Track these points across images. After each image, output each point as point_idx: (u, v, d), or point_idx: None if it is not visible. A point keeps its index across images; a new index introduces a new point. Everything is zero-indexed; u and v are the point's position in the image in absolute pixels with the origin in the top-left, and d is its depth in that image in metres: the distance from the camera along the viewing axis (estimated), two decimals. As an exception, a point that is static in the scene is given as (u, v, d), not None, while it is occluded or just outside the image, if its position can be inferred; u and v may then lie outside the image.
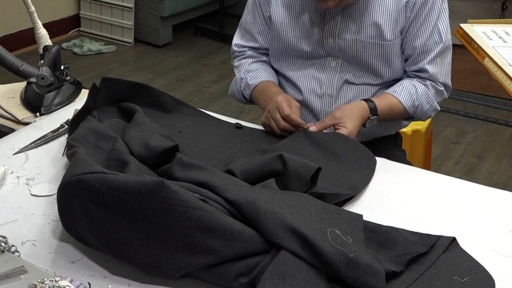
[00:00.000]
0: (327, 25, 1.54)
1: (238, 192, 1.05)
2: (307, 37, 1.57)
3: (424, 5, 1.51)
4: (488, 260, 1.06)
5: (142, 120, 1.36)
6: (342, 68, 1.59)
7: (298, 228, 0.99)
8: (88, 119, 1.35)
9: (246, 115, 3.47)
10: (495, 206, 1.24)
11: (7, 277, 0.93)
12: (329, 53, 1.58)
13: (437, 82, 1.59)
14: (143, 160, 1.22)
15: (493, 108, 3.66)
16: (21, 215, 1.16)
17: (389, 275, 0.98)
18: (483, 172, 3.03)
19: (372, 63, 1.56)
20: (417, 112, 1.59)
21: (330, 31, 1.54)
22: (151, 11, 4.39)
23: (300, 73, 1.62)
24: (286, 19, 1.58)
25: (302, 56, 1.61)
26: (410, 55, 1.58)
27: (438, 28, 1.54)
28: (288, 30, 1.58)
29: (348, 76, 1.59)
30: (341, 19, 1.53)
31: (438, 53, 1.56)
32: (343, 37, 1.54)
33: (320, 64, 1.60)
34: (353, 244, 0.99)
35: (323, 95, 1.61)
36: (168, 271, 0.99)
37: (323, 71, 1.60)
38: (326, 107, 1.61)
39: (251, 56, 1.71)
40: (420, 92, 1.56)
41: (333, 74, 1.59)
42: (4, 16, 4.06)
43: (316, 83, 1.60)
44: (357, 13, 1.52)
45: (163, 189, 0.97)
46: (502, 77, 1.69)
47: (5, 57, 1.76)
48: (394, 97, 1.56)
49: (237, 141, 1.44)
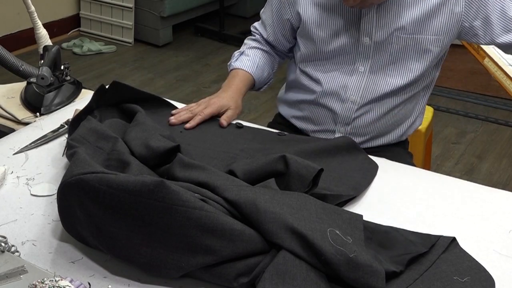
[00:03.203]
0: (363, 24, 1.50)
1: (238, 192, 1.05)
2: (341, 36, 1.53)
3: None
4: (488, 260, 1.06)
5: (143, 120, 1.36)
6: (370, 73, 1.55)
7: (298, 228, 0.99)
8: (89, 119, 1.35)
9: (246, 115, 3.47)
10: (495, 206, 1.24)
11: (7, 277, 0.93)
12: (361, 55, 1.54)
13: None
14: (144, 161, 1.22)
15: (493, 108, 3.66)
16: (21, 215, 1.17)
17: (389, 275, 0.98)
18: (483, 172, 3.03)
19: (407, 59, 1.52)
20: None
21: (367, 30, 1.50)
22: (151, 11, 4.39)
23: (328, 74, 1.59)
24: (318, 17, 1.54)
25: (332, 57, 1.58)
26: (504, 27, 1.47)
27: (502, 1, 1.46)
28: (321, 28, 1.55)
29: (375, 84, 1.55)
30: (377, 17, 1.48)
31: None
32: (379, 36, 1.50)
33: (349, 68, 1.57)
34: (353, 244, 0.99)
35: (347, 100, 1.58)
36: (168, 271, 0.99)
37: (351, 76, 1.57)
38: (347, 112, 1.59)
39: (258, 41, 1.73)
40: None
41: (360, 81, 1.56)
42: (4, 16, 4.06)
43: (342, 87, 1.58)
44: (394, 9, 1.47)
45: (163, 189, 0.97)
46: (502, 77, 1.70)
47: (5, 57, 1.76)
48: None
49: (239, 140, 1.44)
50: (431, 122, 2.30)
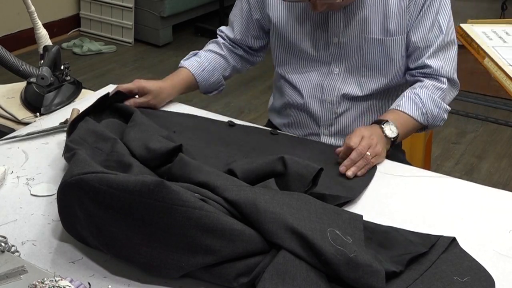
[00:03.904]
0: (331, 24, 1.53)
1: (238, 192, 1.05)
2: (311, 38, 1.56)
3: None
4: (488, 260, 1.06)
5: (140, 120, 1.36)
6: (345, 75, 1.57)
7: (298, 228, 0.99)
8: (87, 119, 1.35)
9: (246, 115, 3.47)
10: (495, 206, 1.24)
11: (7, 277, 0.93)
12: (334, 57, 1.56)
13: (441, 76, 1.52)
14: (144, 162, 1.22)
15: (493, 108, 3.66)
16: (21, 215, 1.16)
17: (389, 275, 0.98)
18: (483, 172, 3.03)
19: (376, 61, 1.54)
20: (428, 119, 1.50)
21: (335, 30, 1.53)
22: (151, 11, 4.39)
23: (303, 76, 1.61)
24: (288, 20, 1.57)
25: (305, 59, 1.60)
26: (412, 51, 1.54)
27: (438, 21, 1.50)
28: (291, 31, 1.58)
29: (350, 85, 1.57)
30: (344, 17, 1.51)
31: (439, 47, 1.52)
32: (348, 36, 1.53)
33: (324, 70, 1.59)
34: (353, 244, 0.99)
35: (324, 102, 1.60)
36: (168, 271, 0.99)
37: (326, 77, 1.59)
38: (327, 113, 1.61)
39: (218, 44, 1.72)
40: (424, 98, 1.49)
41: (335, 82, 1.58)
42: (4, 16, 4.06)
43: (318, 89, 1.60)
44: (358, 10, 1.50)
45: (163, 188, 0.97)
46: (502, 77, 1.70)
47: (5, 57, 1.76)
48: (400, 112, 1.48)
49: (233, 139, 1.44)
50: (431, 122, 2.29)
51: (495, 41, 1.92)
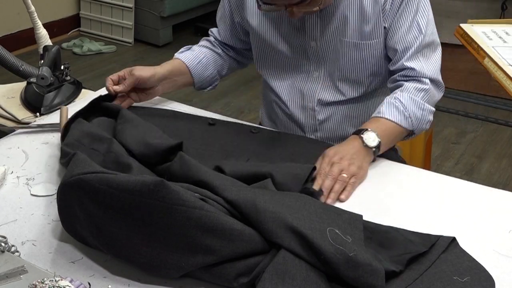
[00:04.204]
0: (308, 28, 1.50)
1: (238, 192, 1.05)
2: (288, 42, 1.53)
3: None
4: (488, 260, 1.06)
5: (130, 116, 1.36)
6: (324, 79, 1.54)
7: (297, 227, 0.99)
8: (79, 121, 1.35)
9: (246, 115, 3.48)
10: (495, 206, 1.24)
11: (7, 277, 0.93)
12: (312, 61, 1.54)
13: (422, 77, 1.45)
14: (145, 158, 1.22)
15: (493, 108, 3.66)
16: (21, 215, 1.17)
17: (388, 275, 0.98)
18: (483, 172, 3.03)
19: (354, 66, 1.50)
20: (413, 123, 1.42)
21: (312, 34, 1.50)
22: (151, 11, 4.39)
23: (284, 83, 1.59)
24: (265, 24, 1.54)
25: (285, 63, 1.57)
26: (393, 55, 1.49)
27: (417, 21, 1.44)
28: (269, 34, 1.55)
29: (330, 89, 1.55)
30: (320, 21, 1.48)
31: (419, 48, 1.45)
32: (325, 39, 1.49)
33: (303, 75, 1.56)
34: (352, 243, 0.99)
35: (306, 108, 1.57)
36: (168, 271, 0.99)
37: (305, 83, 1.56)
38: (310, 119, 1.59)
39: (211, 42, 1.71)
40: (405, 101, 1.41)
41: (315, 86, 1.55)
42: (4, 16, 4.06)
43: (299, 95, 1.57)
44: (334, 14, 1.46)
45: (163, 188, 0.97)
46: (502, 77, 1.69)
47: (5, 57, 1.76)
48: (382, 118, 1.41)
49: (213, 137, 1.44)
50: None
51: (495, 41, 1.92)
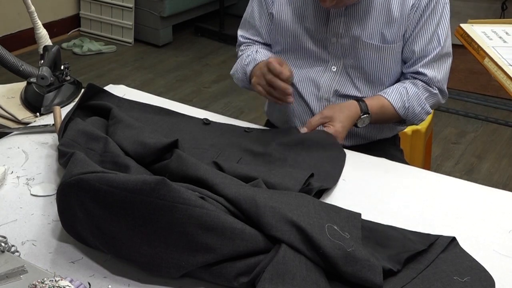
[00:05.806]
0: (331, 24, 1.53)
1: (238, 189, 1.06)
2: (311, 36, 1.57)
3: (426, 8, 1.50)
4: (488, 260, 1.06)
5: (121, 116, 1.36)
6: (342, 74, 1.58)
7: (297, 221, 1.00)
8: (75, 120, 1.35)
9: (246, 115, 3.47)
10: (495, 206, 1.24)
11: (7, 277, 0.93)
12: (332, 55, 1.57)
13: (432, 85, 1.57)
14: (140, 158, 1.22)
15: (493, 108, 3.66)
16: (21, 215, 1.17)
17: (386, 274, 0.98)
18: (483, 172, 3.03)
19: (372, 67, 1.55)
20: (408, 115, 1.55)
21: (334, 31, 1.54)
22: (151, 11, 4.39)
23: (301, 72, 1.61)
24: (290, 17, 1.58)
25: (304, 56, 1.60)
26: (409, 59, 1.56)
27: (438, 33, 1.53)
28: (292, 28, 1.58)
29: (346, 84, 1.58)
30: (344, 19, 1.52)
31: (435, 57, 1.54)
32: (346, 37, 1.53)
33: (321, 68, 1.59)
34: (350, 240, 1.00)
35: (321, 99, 1.60)
36: (168, 270, 0.99)
37: (322, 75, 1.59)
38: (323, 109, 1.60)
39: (259, 46, 1.69)
40: (411, 94, 1.54)
41: (332, 79, 1.58)
42: (4, 16, 4.06)
43: (314, 86, 1.60)
44: (360, 14, 1.51)
45: (164, 186, 0.98)
46: (502, 77, 1.69)
47: (5, 57, 1.76)
48: (385, 99, 1.54)
49: (207, 136, 1.45)
50: (431, 122, 2.30)
51: (495, 41, 1.92)
